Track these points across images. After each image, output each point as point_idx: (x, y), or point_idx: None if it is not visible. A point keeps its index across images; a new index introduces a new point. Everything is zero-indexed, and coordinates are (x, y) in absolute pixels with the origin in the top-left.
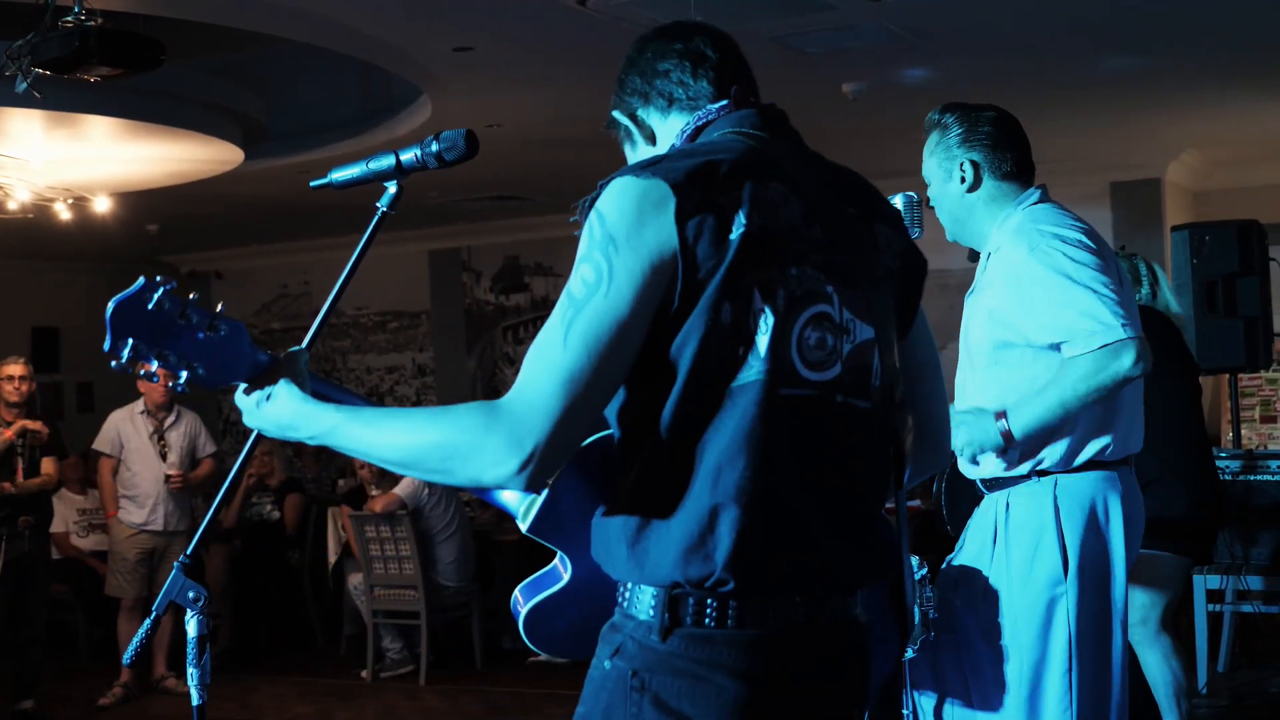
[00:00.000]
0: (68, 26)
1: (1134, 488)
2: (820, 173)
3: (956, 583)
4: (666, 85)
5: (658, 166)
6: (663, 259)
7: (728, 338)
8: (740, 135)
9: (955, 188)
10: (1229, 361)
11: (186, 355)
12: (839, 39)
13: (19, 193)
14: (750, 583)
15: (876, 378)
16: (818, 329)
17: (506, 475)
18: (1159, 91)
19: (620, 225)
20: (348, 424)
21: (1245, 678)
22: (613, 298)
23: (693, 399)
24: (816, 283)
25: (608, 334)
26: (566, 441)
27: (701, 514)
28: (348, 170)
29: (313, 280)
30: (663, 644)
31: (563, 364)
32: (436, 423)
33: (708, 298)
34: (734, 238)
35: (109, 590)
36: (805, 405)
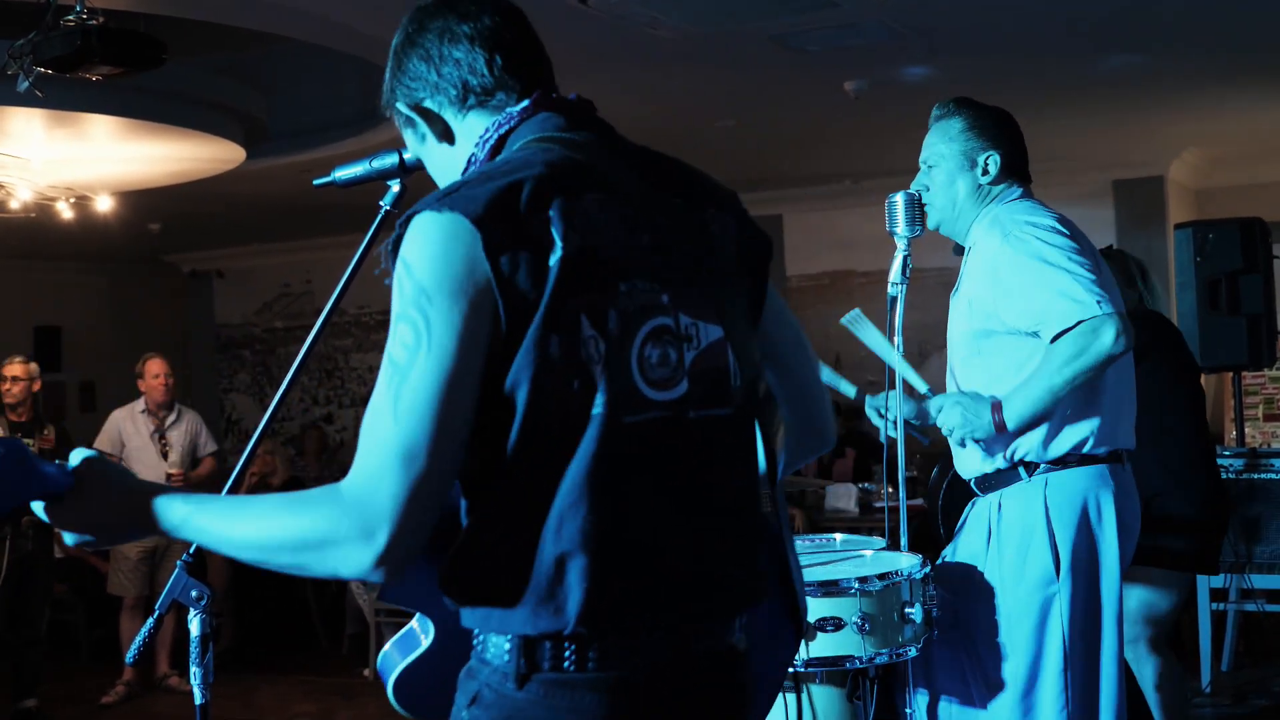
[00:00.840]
0: (69, 25)
1: (1128, 484)
2: (640, 168)
3: (954, 581)
4: (458, 74)
5: (456, 197)
6: (480, 298)
7: (559, 372)
8: (546, 142)
9: (974, 177)
10: (1232, 359)
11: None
12: (840, 37)
13: (21, 192)
14: (608, 629)
15: (735, 377)
16: (658, 345)
17: (363, 570)
18: (1161, 89)
19: (428, 273)
20: (196, 515)
21: (1249, 676)
22: (435, 355)
23: (529, 443)
24: (650, 295)
25: (440, 397)
26: (419, 523)
27: (546, 566)
28: (351, 169)
29: (315, 279)
30: (519, 691)
31: (397, 440)
32: (287, 515)
33: (533, 333)
34: (552, 263)
35: (111, 589)
36: (654, 430)
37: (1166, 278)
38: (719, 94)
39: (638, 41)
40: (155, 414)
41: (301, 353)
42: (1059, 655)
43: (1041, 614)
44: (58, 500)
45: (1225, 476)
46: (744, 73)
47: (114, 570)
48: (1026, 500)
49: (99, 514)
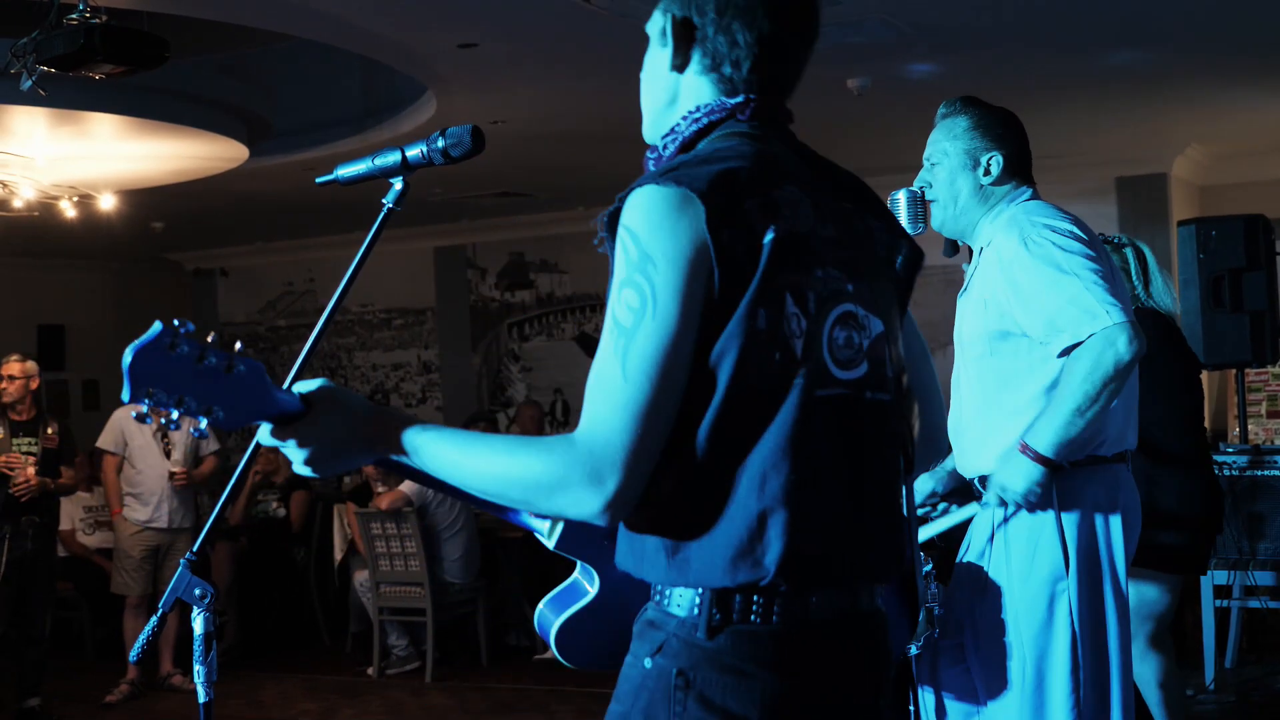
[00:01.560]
0: (72, 24)
1: (1132, 482)
2: (817, 170)
3: (961, 579)
4: (720, 44)
5: (678, 174)
6: (701, 269)
7: (764, 344)
8: (745, 138)
9: (976, 177)
10: (1236, 356)
11: (206, 399)
12: (843, 34)
13: (24, 191)
14: (800, 582)
15: (890, 367)
16: (845, 328)
17: (590, 514)
18: (1165, 86)
19: (655, 241)
20: (434, 443)
21: (1252, 673)
22: (661, 319)
23: (732, 407)
24: (839, 282)
25: (664, 357)
26: (643, 473)
27: (749, 520)
28: (353, 167)
29: (318, 278)
30: (709, 641)
31: (628, 398)
32: (522, 455)
33: (745, 305)
34: (766, 243)
35: (114, 588)
36: (840, 405)
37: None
38: None
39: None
40: None
41: (304, 351)
42: (1067, 652)
43: (1049, 611)
44: (287, 423)
45: (1228, 474)
46: None
47: (117, 569)
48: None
49: (330, 435)
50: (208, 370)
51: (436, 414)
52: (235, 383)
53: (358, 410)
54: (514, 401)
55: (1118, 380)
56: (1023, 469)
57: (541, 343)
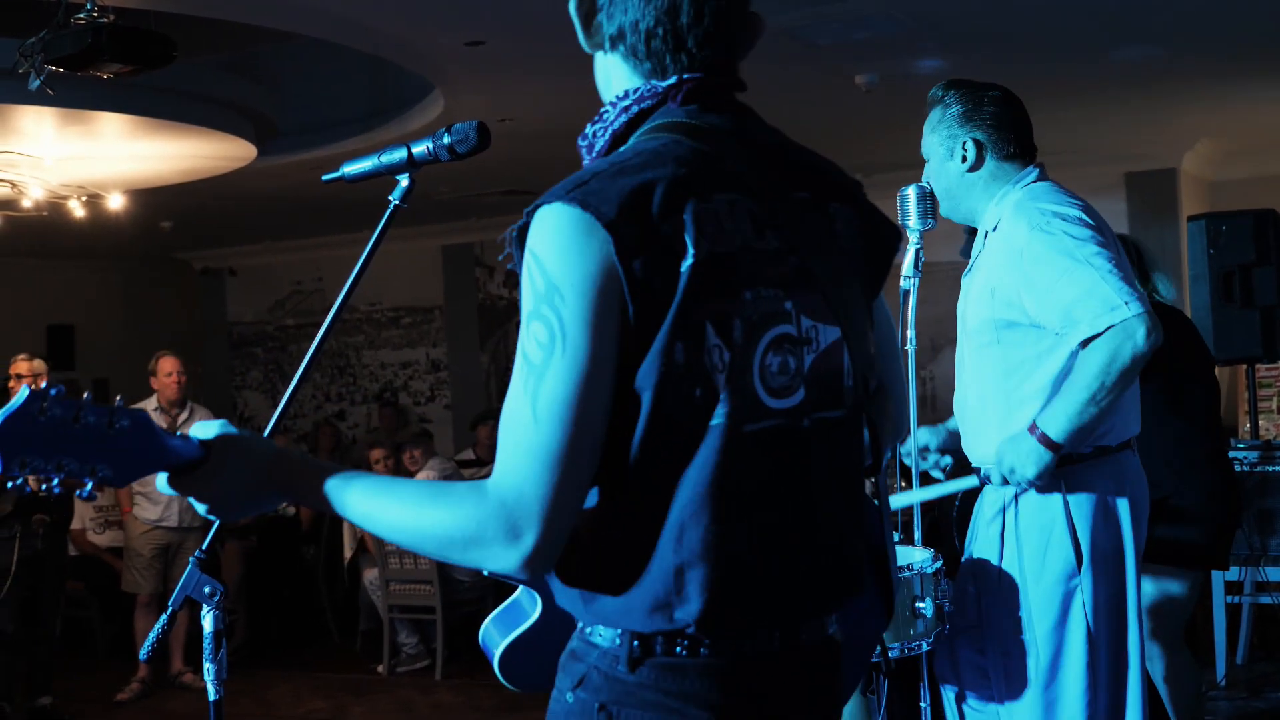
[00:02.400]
0: (80, 24)
1: (1138, 469)
2: (767, 158)
3: (973, 575)
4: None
5: (588, 190)
6: (611, 299)
7: (682, 380)
8: (678, 130)
9: (956, 166)
10: (1246, 352)
11: (88, 459)
12: (850, 30)
13: (33, 190)
14: (724, 633)
15: (848, 376)
16: (779, 353)
17: (508, 568)
18: (1174, 82)
19: (561, 270)
20: (347, 493)
21: (1264, 669)
22: (571, 356)
23: (652, 449)
24: (774, 302)
25: (577, 397)
26: (564, 523)
27: (666, 574)
28: (360, 164)
29: (326, 276)
30: (631, 675)
31: (540, 443)
32: (434, 509)
33: (660, 340)
34: (683, 269)
35: (125, 586)
36: (772, 438)
37: (1180, 270)
38: None
39: None
40: (168, 412)
41: (311, 349)
42: (1082, 648)
43: (1064, 607)
44: (185, 472)
45: (1239, 470)
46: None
47: (128, 568)
48: (1043, 494)
49: (233, 482)
50: (86, 430)
51: (445, 412)
52: (118, 439)
53: (261, 456)
54: None
55: (1134, 372)
56: (1033, 453)
57: None
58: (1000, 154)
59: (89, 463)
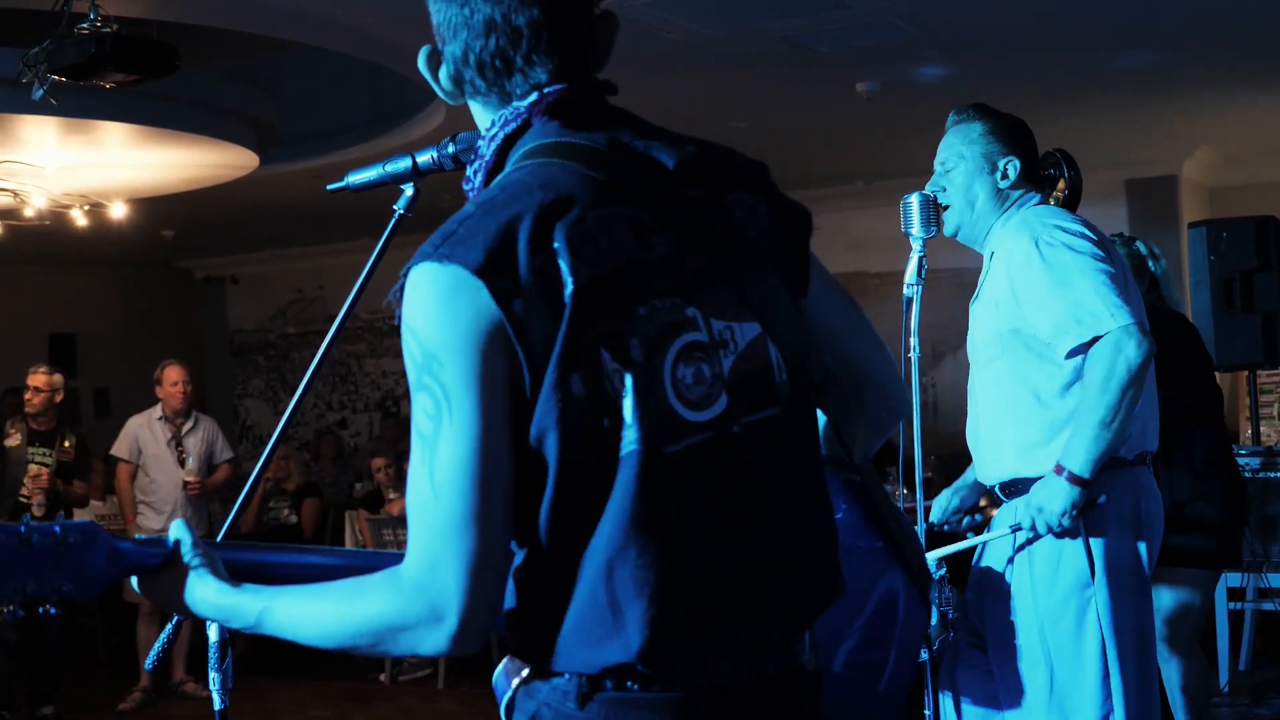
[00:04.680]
0: (83, 33)
1: (1152, 485)
2: (652, 161)
3: (981, 585)
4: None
5: (454, 242)
6: (494, 351)
7: (586, 413)
8: (547, 156)
9: (994, 181)
10: (1247, 358)
11: (45, 579)
12: (851, 37)
13: (35, 199)
14: (674, 663)
15: (779, 371)
16: (690, 363)
17: (442, 650)
18: (1174, 88)
19: (434, 334)
20: (272, 613)
21: (1267, 675)
22: (460, 421)
23: (567, 489)
24: (673, 311)
25: (473, 464)
26: (488, 590)
27: (602, 614)
28: (365, 173)
29: (328, 285)
30: (580, 711)
31: (445, 519)
32: (355, 605)
33: (551, 375)
34: (566, 299)
35: (127, 596)
36: (700, 455)
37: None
38: (731, 96)
39: (650, 45)
40: (172, 421)
41: (316, 360)
42: (1097, 659)
43: (1077, 618)
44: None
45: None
46: (756, 75)
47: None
48: None
49: (175, 599)
50: (35, 553)
51: None
52: (71, 554)
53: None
54: None
55: (1135, 384)
56: (1065, 493)
57: None
58: (1025, 182)
59: (47, 581)
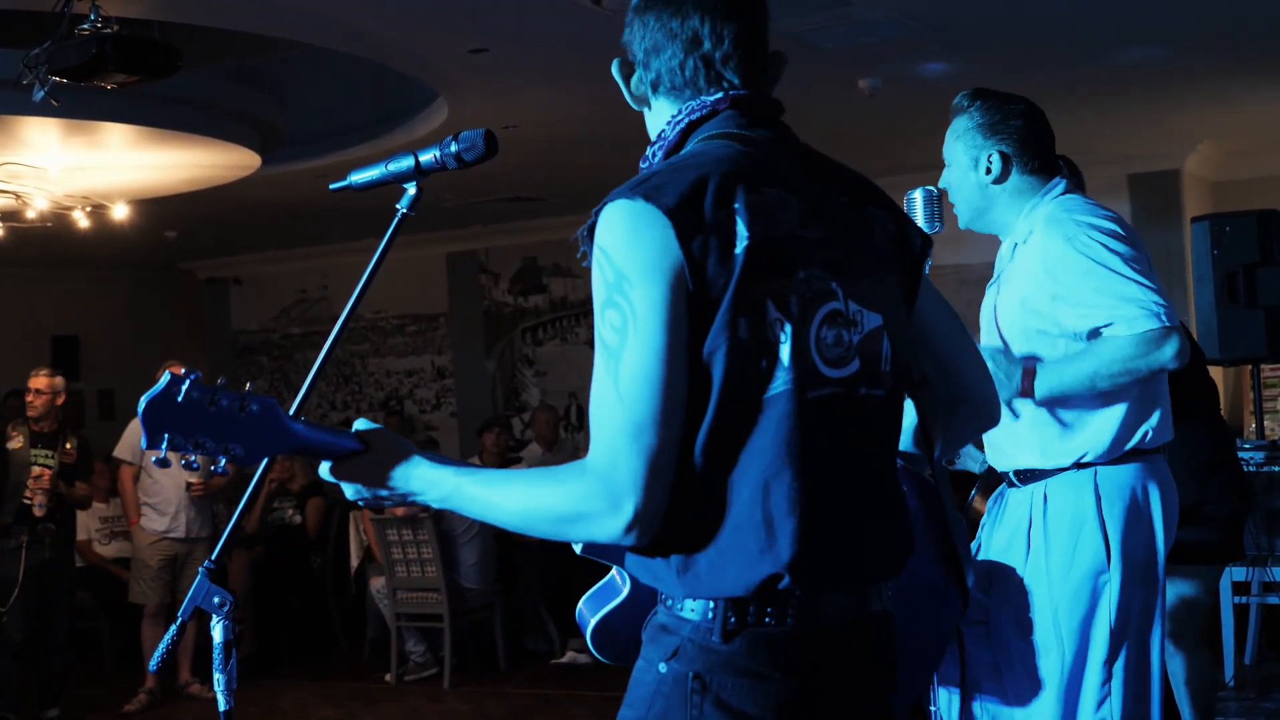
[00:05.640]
0: (84, 34)
1: (1168, 476)
2: (810, 167)
3: (988, 576)
4: (658, 63)
5: (647, 186)
6: (675, 280)
7: (749, 352)
8: (728, 138)
9: (979, 177)
10: (1251, 352)
11: (222, 439)
12: (854, 34)
13: (37, 201)
14: (812, 585)
15: (887, 363)
16: (832, 327)
17: (615, 536)
18: (1176, 83)
19: (627, 259)
20: (465, 487)
21: (1272, 669)
22: (644, 336)
23: (725, 417)
24: (823, 282)
25: (656, 372)
26: (661, 488)
27: (757, 529)
28: (367, 172)
29: (331, 285)
30: (724, 645)
31: (625, 419)
32: (542, 489)
33: (723, 316)
34: (739, 252)
35: (132, 597)
36: (834, 404)
37: (1184, 271)
38: None
39: None
40: None
41: (320, 359)
42: (1104, 645)
43: (1091, 604)
44: (342, 461)
45: (1246, 470)
46: None
47: (135, 579)
48: (1075, 491)
49: (377, 478)
50: (220, 412)
51: (451, 420)
52: (250, 421)
53: (396, 455)
54: (528, 406)
55: (1146, 377)
56: (1010, 380)
57: (555, 347)
58: (1025, 168)
59: (223, 441)
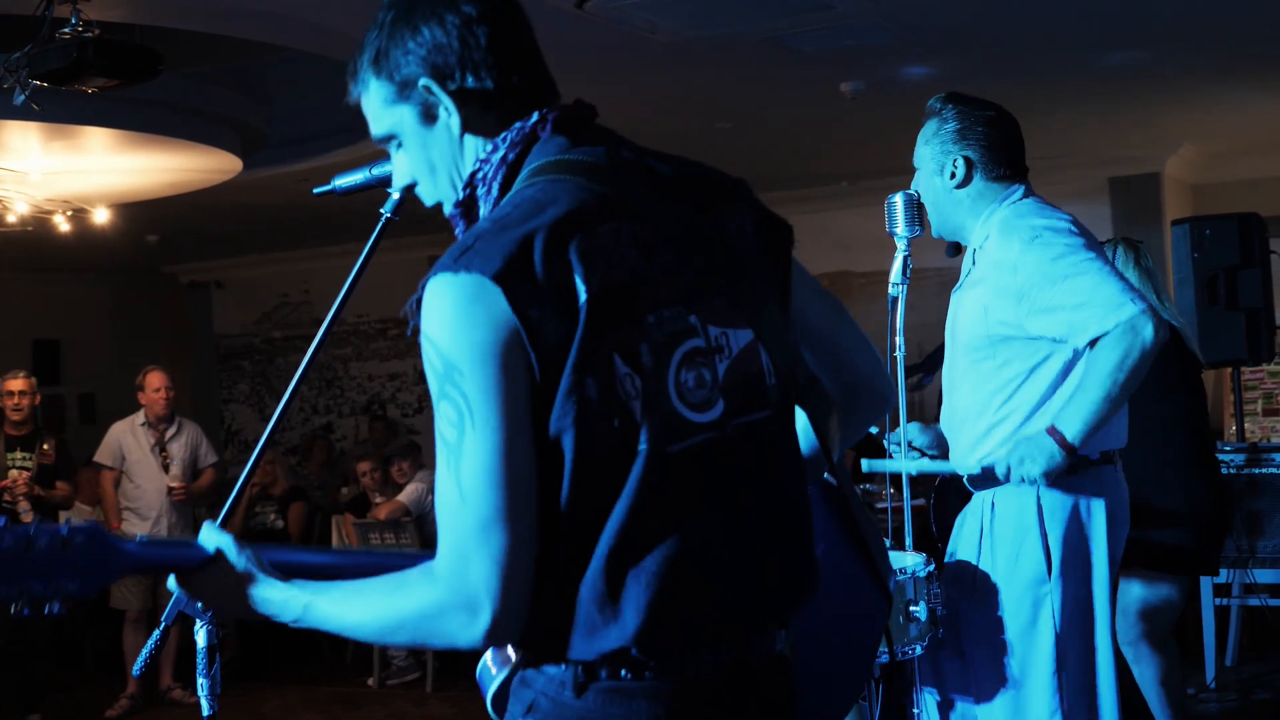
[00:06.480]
0: (65, 38)
1: (1119, 482)
2: (649, 178)
3: (955, 580)
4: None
5: (471, 254)
6: (511, 357)
7: (599, 414)
8: (555, 172)
9: (944, 182)
10: (1231, 355)
11: (51, 579)
12: (836, 37)
13: (18, 205)
14: (664, 648)
15: (769, 375)
16: (692, 368)
17: (475, 642)
18: (1157, 86)
19: (455, 346)
20: (318, 605)
21: (1253, 671)
22: (482, 428)
23: (581, 486)
24: (677, 320)
25: (497, 466)
26: (518, 586)
27: (601, 601)
28: (351, 176)
29: (313, 289)
30: (577, 700)
31: (472, 519)
32: (394, 600)
33: (568, 379)
34: (580, 306)
35: (114, 602)
36: (700, 454)
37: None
38: (715, 97)
39: (634, 45)
40: (156, 427)
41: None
42: (1050, 654)
43: (1032, 613)
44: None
45: (1226, 472)
46: (740, 75)
47: (117, 584)
48: (1019, 500)
49: (226, 597)
50: (40, 554)
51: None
52: (75, 554)
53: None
54: None
55: (1144, 367)
56: (1050, 452)
57: None
58: (990, 174)
59: (53, 582)
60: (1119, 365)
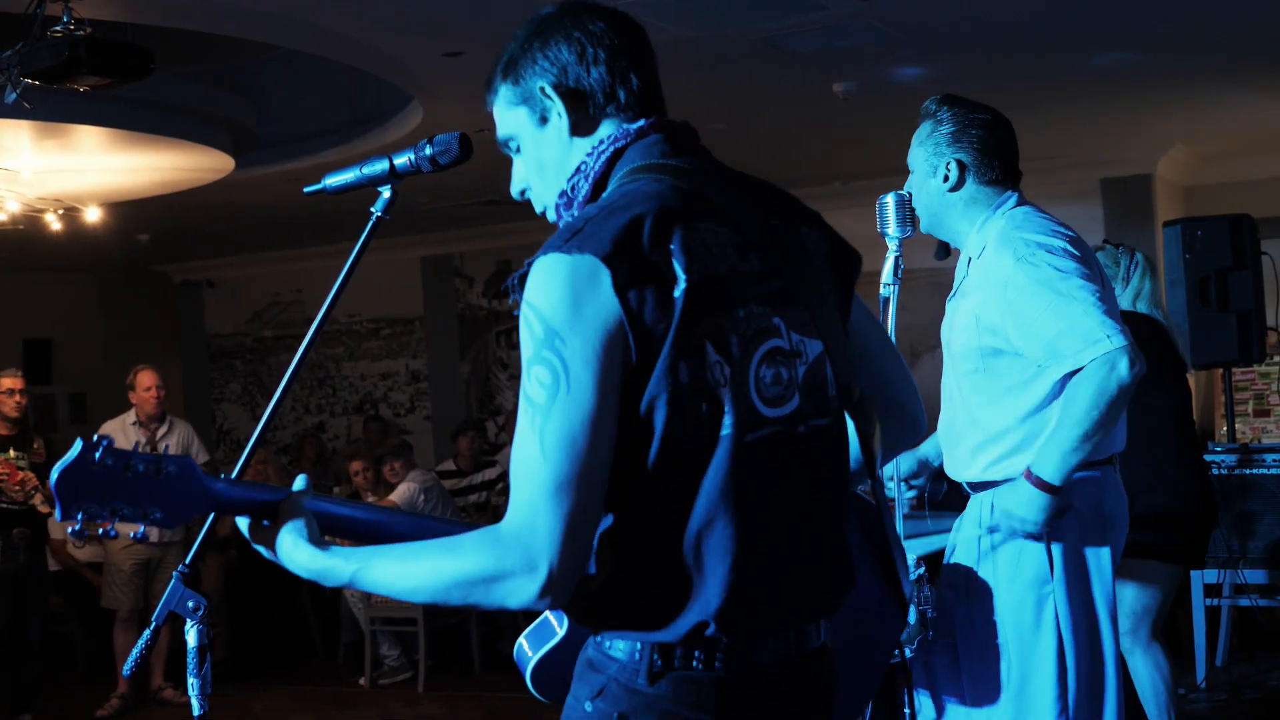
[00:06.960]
0: (57, 36)
1: (1118, 483)
2: (738, 190)
3: (952, 582)
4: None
5: (582, 237)
6: (611, 334)
7: (689, 397)
8: (655, 171)
9: (937, 184)
10: (1222, 356)
11: (140, 503)
12: (829, 38)
13: (9, 204)
14: (740, 633)
15: (832, 387)
16: (772, 365)
17: (530, 600)
18: (1149, 87)
19: (559, 314)
20: (367, 570)
21: (1243, 671)
22: (575, 393)
23: (665, 463)
24: (763, 318)
25: (582, 431)
26: (578, 550)
27: (685, 578)
28: (342, 175)
29: (305, 288)
30: (650, 687)
31: (548, 477)
32: (451, 559)
33: (663, 361)
34: (677, 295)
35: (105, 602)
36: (771, 446)
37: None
38: (709, 97)
39: None
40: (147, 426)
41: (294, 363)
42: (1053, 656)
43: (1035, 614)
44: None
45: (1217, 473)
46: (733, 75)
47: (108, 583)
48: None
49: (294, 552)
50: (136, 477)
51: (425, 423)
52: (167, 484)
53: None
54: (503, 409)
55: (1121, 403)
56: (1034, 500)
57: None
58: (982, 179)
59: (141, 507)
60: (1094, 404)
